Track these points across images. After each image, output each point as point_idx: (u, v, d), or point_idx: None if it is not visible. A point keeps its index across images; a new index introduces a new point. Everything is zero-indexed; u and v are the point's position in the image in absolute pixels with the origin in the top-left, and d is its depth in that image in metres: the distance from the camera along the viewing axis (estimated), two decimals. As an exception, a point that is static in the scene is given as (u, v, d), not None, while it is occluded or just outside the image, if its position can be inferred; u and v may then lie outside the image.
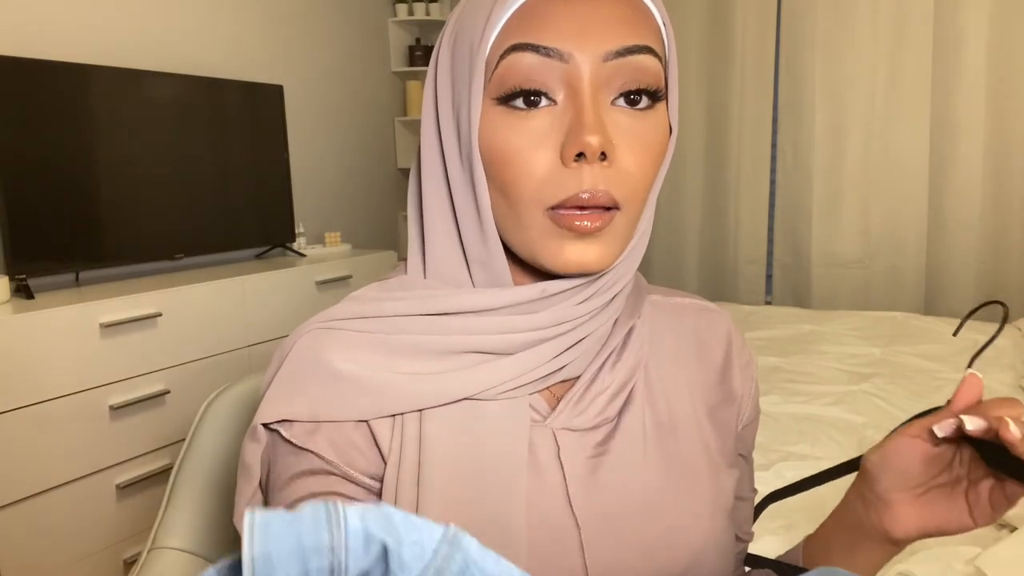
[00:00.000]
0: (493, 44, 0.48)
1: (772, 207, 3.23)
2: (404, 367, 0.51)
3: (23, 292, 1.95)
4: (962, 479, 0.50)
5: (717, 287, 3.34)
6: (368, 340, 0.52)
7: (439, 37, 0.54)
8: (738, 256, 3.28)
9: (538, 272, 0.52)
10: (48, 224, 2.05)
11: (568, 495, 0.52)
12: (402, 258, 0.63)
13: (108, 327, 1.93)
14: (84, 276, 2.21)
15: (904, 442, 0.50)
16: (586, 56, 0.47)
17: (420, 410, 0.51)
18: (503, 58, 0.48)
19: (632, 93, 0.49)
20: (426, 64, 0.64)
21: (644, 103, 0.49)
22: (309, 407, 0.50)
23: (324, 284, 2.59)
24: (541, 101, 0.48)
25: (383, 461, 0.51)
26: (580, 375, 0.55)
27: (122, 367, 1.97)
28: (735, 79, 3.16)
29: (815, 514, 0.60)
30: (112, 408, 1.94)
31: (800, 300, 3.15)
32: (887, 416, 1.71)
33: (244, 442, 0.52)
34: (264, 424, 0.51)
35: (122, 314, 1.96)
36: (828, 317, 2.62)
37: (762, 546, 0.78)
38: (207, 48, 2.66)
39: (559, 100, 0.48)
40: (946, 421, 0.47)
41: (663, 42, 0.51)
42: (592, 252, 0.49)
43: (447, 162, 0.52)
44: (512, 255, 0.53)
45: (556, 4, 0.48)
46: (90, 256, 2.19)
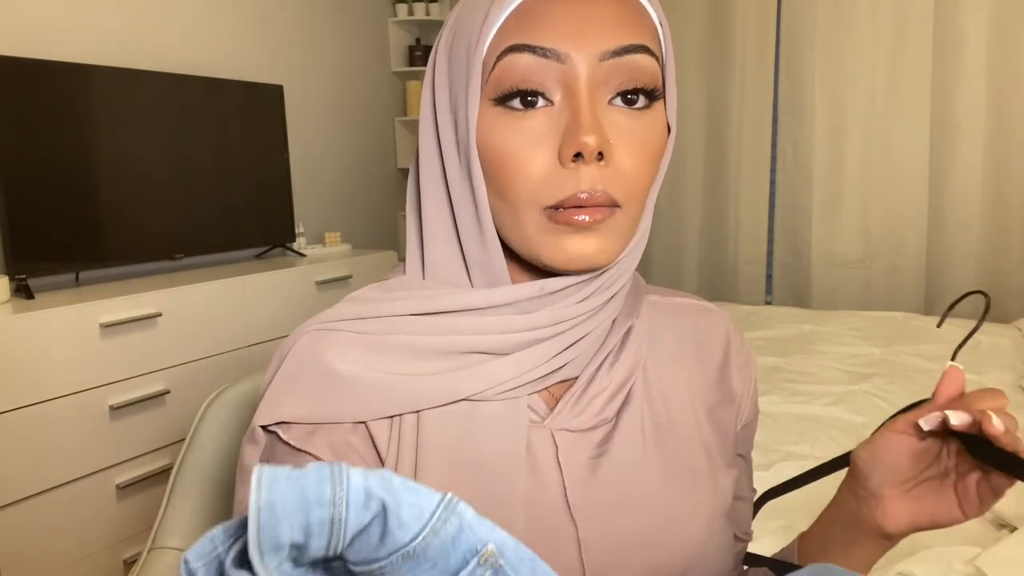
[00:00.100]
0: (490, 45, 0.48)
1: (772, 207, 3.23)
2: (402, 368, 0.51)
3: (23, 292, 1.95)
4: (951, 471, 0.50)
5: (717, 287, 3.34)
6: (366, 341, 0.52)
7: (437, 37, 0.54)
8: (738, 256, 3.28)
9: (538, 272, 0.52)
10: (48, 224, 2.05)
11: (566, 496, 0.52)
12: (402, 258, 0.63)
13: (108, 327, 1.93)
14: (84, 276, 2.22)
15: (891, 438, 0.51)
16: (583, 56, 0.47)
17: (418, 411, 0.51)
18: (500, 59, 0.48)
19: (629, 93, 0.49)
20: (426, 64, 0.64)
21: (641, 103, 0.49)
22: (307, 409, 0.50)
23: (324, 284, 2.59)
24: (538, 102, 0.48)
25: (380, 462, 0.51)
26: (578, 375, 0.55)
27: (122, 367, 1.97)
28: (735, 79, 3.16)
29: (814, 513, 0.61)
30: (112, 408, 1.95)
31: (800, 300, 3.15)
32: (887, 416, 1.71)
33: (243, 444, 0.52)
34: (262, 426, 0.51)
35: (122, 314, 1.96)
36: (828, 317, 2.62)
37: (762, 546, 0.78)
38: (207, 48, 2.66)
39: (556, 100, 0.48)
40: (930, 415, 0.48)
41: (660, 42, 0.51)
42: (592, 245, 0.49)
43: (445, 163, 0.52)
44: (512, 256, 0.52)
45: (553, 4, 0.48)
46: (90, 256, 2.19)
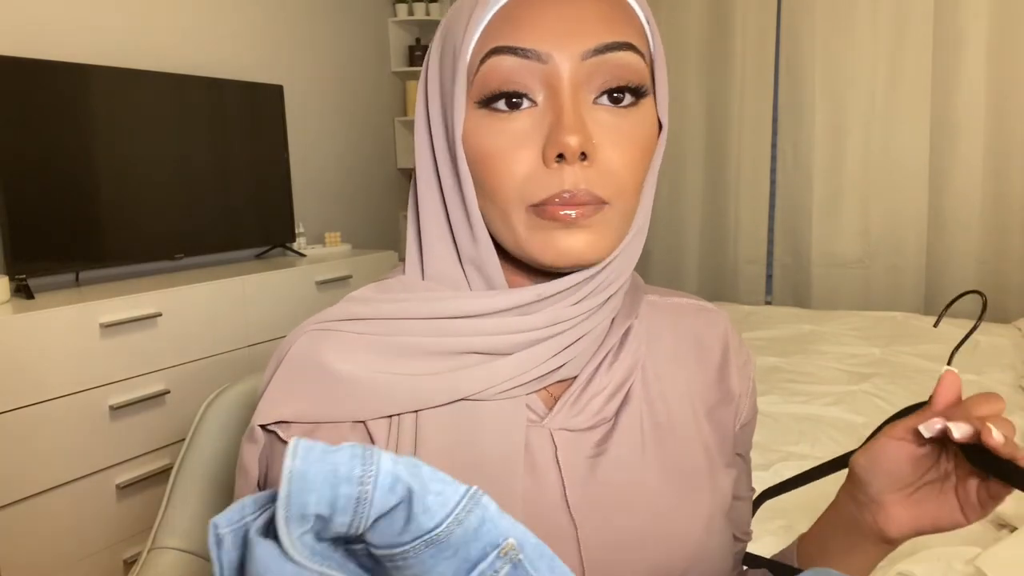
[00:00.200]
0: (475, 47, 0.49)
1: (772, 207, 3.23)
2: (401, 368, 0.51)
3: (23, 292, 1.95)
4: (951, 474, 0.50)
5: (717, 287, 3.34)
6: (365, 341, 0.52)
7: (432, 40, 0.54)
8: (738, 256, 3.28)
9: (532, 271, 0.52)
10: (48, 224, 2.05)
11: (565, 495, 0.52)
12: (402, 258, 0.63)
13: (108, 327, 1.93)
14: (84, 276, 2.22)
15: (890, 445, 0.51)
16: (565, 56, 0.47)
17: (416, 411, 0.51)
18: (484, 61, 0.48)
19: (615, 91, 0.49)
20: (426, 64, 0.65)
21: (628, 100, 0.49)
22: (306, 408, 0.50)
23: (324, 284, 2.59)
24: (523, 103, 0.48)
25: None
26: (577, 375, 0.55)
27: (122, 367, 1.97)
28: (735, 79, 3.16)
29: (814, 514, 0.61)
30: (112, 408, 1.95)
31: (800, 300, 3.15)
32: (887, 416, 1.71)
33: (242, 443, 0.52)
34: (261, 425, 0.51)
35: (122, 314, 1.96)
36: (828, 317, 2.62)
37: (762, 546, 0.78)
38: (207, 48, 2.66)
39: (540, 101, 0.48)
40: (930, 422, 0.47)
41: (647, 39, 0.51)
42: (581, 240, 0.48)
43: (438, 165, 0.53)
44: (505, 255, 0.53)
45: (534, 5, 0.48)
46: (90, 256, 2.19)
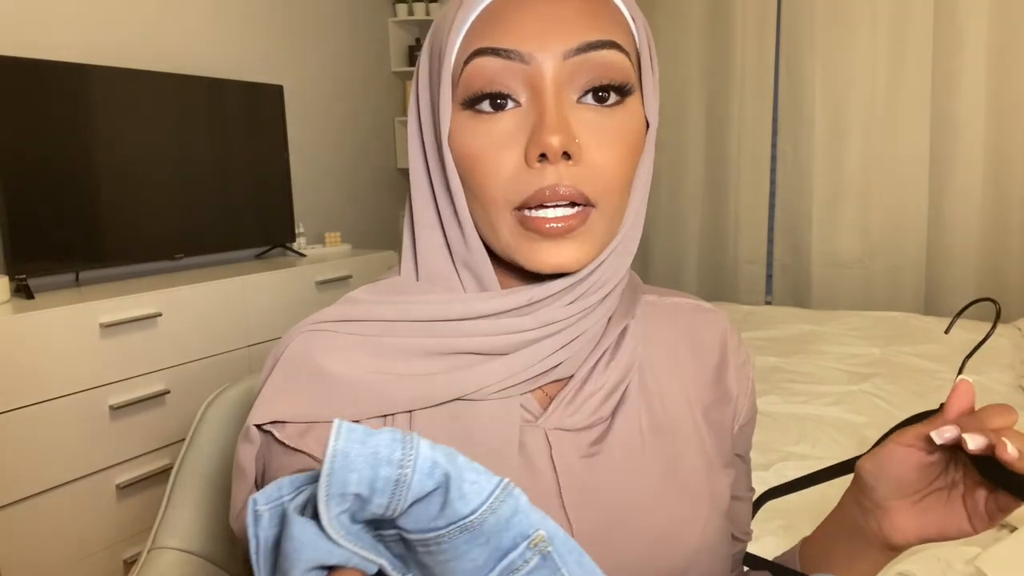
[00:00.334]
0: (459, 49, 0.49)
1: (772, 207, 3.23)
2: (395, 368, 0.51)
3: (23, 292, 1.95)
4: (958, 483, 0.49)
5: (717, 287, 3.34)
6: (360, 342, 0.52)
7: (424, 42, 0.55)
8: (738, 256, 3.28)
9: (523, 272, 0.52)
10: (48, 224, 2.05)
11: (561, 495, 0.52)
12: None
13: (108, 327, 1.93)
14: (84, 276, 2.21)
15: (898, 451, 0.49)
16: (547, 55, 0.47)
17: (411, 411, 0.51)
18: (468, 63, 0.48)
19: (599, 89, 0.49)
20: (425, 64, 0.66)
21: (613, 99, 0.49)
22: (301, 408, 0.50)
23: (324, 284, 2.59)
24: (507, 104, 0.48)
25: None
26: (573, 375, 0.55)
27: (122, 367, 1.97)
28: (735, 79, 3.16)
29: (815, 514, 0.60)
30: (112, 408, 1.95)
31: (800, 300, 3.15)
32: (887, 416, 1.71)
33: (238, 443, 0.52)
34: (257, 425, 0.51)
35: (122, 314, 1.96)
36: (828, 317, 2.62)
37: (762, 546, 0.78)
38: (207, 48, 2.66)
39: (523, 102, 0.48)
40: (943, 429, 0.46)
41: (632, 37, 0.51)
42: (566, 252, 0.49)
43: (429, 167, 0.53)
44: (497, 256, 0.53)
45: (516, 6, 0.48)
46: (90, 256, 2.19)
